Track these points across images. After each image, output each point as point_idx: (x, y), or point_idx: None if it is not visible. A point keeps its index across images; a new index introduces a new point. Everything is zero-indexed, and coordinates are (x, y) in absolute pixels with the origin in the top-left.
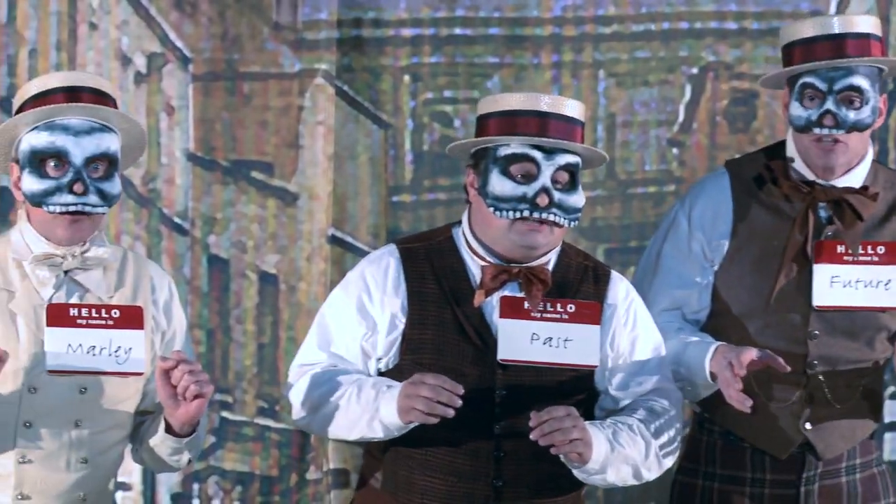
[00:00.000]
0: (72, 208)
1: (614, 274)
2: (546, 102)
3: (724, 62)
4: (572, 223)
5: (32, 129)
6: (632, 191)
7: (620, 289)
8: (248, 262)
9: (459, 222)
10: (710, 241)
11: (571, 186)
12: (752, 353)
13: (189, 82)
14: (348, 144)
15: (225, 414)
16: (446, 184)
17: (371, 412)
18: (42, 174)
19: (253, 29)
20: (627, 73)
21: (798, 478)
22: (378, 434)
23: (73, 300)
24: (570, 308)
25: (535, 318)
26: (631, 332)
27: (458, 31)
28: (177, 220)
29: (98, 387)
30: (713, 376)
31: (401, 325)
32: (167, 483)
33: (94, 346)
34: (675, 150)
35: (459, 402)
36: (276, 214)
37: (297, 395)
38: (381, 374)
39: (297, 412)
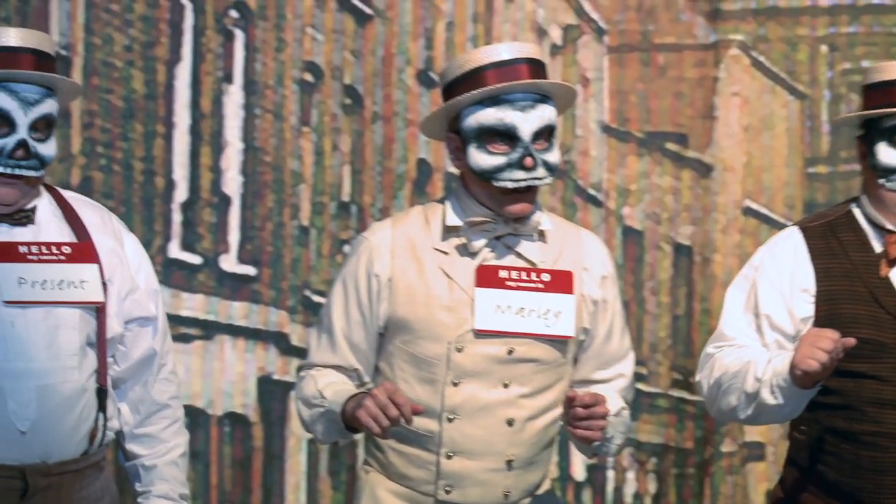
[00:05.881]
0: (522, 184)
1: None
2: None
3: None
4: None
5: (476, 104)
6: None
7: None
8: (662, 233)
9: (857, 198)
10: None
11: None
12: None
13: (604, 54)
14: (764, 115)
15: (640, 385)
16: None
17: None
18: (490, 151)
19: (667, 0)
20: None
21: None
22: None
23: (504, 263)
24: None
25: None
26: None
27: (875, 0)
28: (591, 191)
29: (527, 349)
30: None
31: (810, 304)
32: (582, 455)
33: (524, 308)
34: None
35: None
36: (691, 186)
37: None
38: None
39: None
